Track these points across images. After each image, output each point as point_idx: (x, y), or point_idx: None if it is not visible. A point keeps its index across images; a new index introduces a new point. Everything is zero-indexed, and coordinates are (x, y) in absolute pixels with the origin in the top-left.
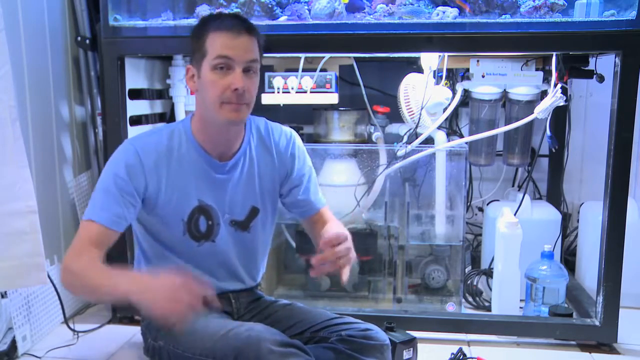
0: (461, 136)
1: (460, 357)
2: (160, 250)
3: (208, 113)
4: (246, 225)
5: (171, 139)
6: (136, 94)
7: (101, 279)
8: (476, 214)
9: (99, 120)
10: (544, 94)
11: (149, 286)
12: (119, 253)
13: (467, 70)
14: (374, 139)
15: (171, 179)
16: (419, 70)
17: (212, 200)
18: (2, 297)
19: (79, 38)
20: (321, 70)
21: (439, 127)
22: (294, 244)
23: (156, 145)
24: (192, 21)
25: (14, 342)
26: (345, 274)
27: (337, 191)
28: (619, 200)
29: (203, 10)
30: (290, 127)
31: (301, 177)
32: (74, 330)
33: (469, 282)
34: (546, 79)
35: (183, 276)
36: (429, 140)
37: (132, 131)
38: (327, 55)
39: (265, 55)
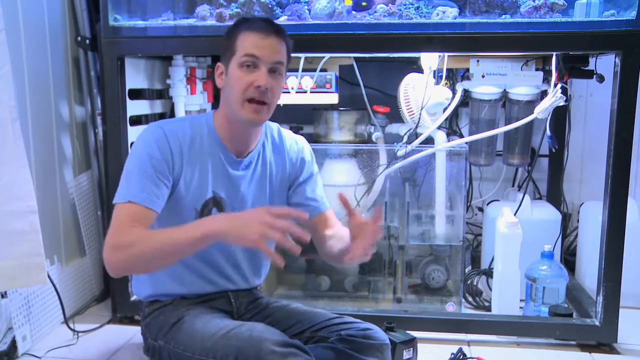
0: (461, 136)
1: (460, 357)
2: None
3: (231, 110)
4: None
5: (194, 129)
6: (136, 94)
7: (165, 236)
8: (476, 214)
9: (99, 120)
10: (544, 94)
11: (237, 220)
12: None
13: (467, 70)
14: (374, 139)
15: (191, 167)
16: (419, 70)
17: (225, 195)
18: (2, 297)
19: (79, 38)
20: (321, 70)
21: (439, 127)
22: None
23: (182, 132)
24: (192, 21)
25: (14, 342)
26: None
27: (337, 191)
28: (619, 200)
29: (203, 10)
30: (290, 127)
31: (308, 178)
32: (74, 330)
33: (469, 282)
34: (546, 79)
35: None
36: (429, 140)
37: (132, 131)
38: (327, 55)
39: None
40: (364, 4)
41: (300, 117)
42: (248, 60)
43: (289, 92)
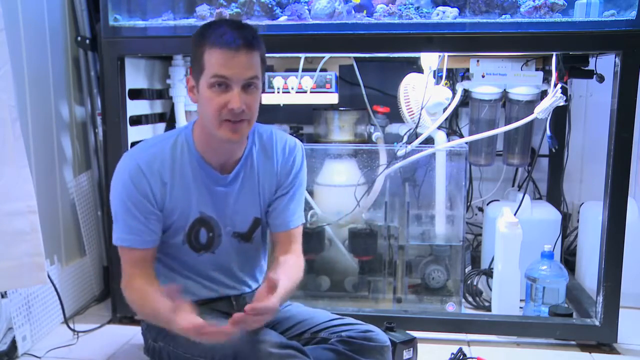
0: (461, 136)
1: (460, 357)
2: (163, 257)
3: (208, 127)
4: (249, 236)
5: (174, 150)
6: (136, 94)
7: (152, 310)
8: (476, 214)
9: (99, 120)
10: (544, 94)
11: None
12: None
13: (467, 70)
14: (374, 139)
15: (174, 190)
16: (419, 70)
17: (214, 213)
18: (2, 297)
19: (79, 38)
20: (321, 70)
21: (439, 127)
22: None
23: (160, 159)
24: (192, 21)
25: (14, 342)
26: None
27: (337, 191)
28: (619, 200)
29: (203, 10)
30: (290, 127)
31: (291, 190)
32: (74, 330)
33: (469, 282)
34: (546, 79)
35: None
36: (429, 140)
37: (132, 131)
38: (327, 55)
39: (266, 55)
40: (364, 12)
41: (300, 117)
42: (217, 82)
43: (289, 92)
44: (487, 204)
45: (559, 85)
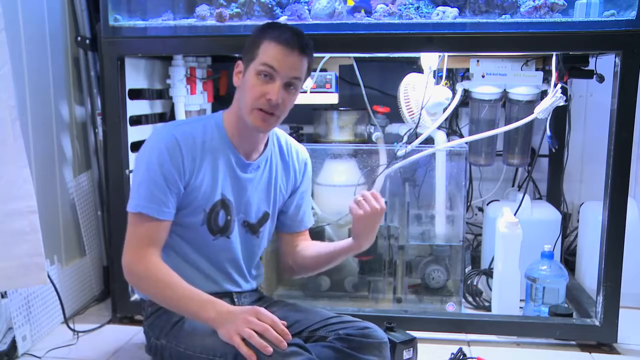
0: (461, 136)
1: (460, 357)
2: (174, 240)
3: (241, 111)
4: (256, 229)
5: (204, 132)
6: (136, 94)
7: (173, 294)
8: (476, 214)
9: (99, 120)
10: (544, 94)
11: (227, 314)
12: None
13: (467, 70)
14: (374, 139)
15: (202, 169)
16: (419, 70)
17: (233, 197)
18: (2, 297)
19: (79, 38)
20: (321, 70)
21: (439, 127)
22: None
23: (193, 136)
24: (192, 21)
25: (14, 342)
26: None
27: (337, 191)
28: (619, 200)
29: (203, 10)
30: (290, 127)
31: (304, 193)
32: (74, 330)
33: (469, 282)
34: (546, 79)
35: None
36: (429, 140)
37: (132, 131)
38: (327, 55)
39: None
40: (362, 11)
41: (300, 117)
42: (265, 70)
43: None
44: (487, 204)
45: (559, 85)
